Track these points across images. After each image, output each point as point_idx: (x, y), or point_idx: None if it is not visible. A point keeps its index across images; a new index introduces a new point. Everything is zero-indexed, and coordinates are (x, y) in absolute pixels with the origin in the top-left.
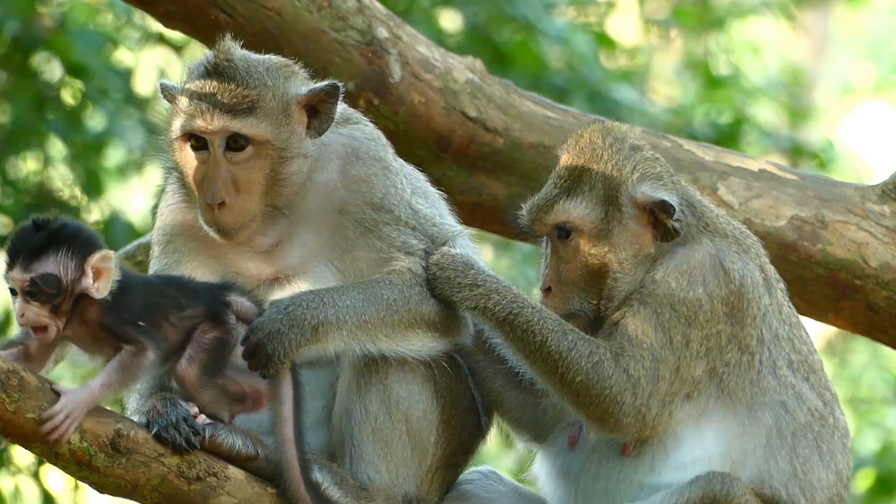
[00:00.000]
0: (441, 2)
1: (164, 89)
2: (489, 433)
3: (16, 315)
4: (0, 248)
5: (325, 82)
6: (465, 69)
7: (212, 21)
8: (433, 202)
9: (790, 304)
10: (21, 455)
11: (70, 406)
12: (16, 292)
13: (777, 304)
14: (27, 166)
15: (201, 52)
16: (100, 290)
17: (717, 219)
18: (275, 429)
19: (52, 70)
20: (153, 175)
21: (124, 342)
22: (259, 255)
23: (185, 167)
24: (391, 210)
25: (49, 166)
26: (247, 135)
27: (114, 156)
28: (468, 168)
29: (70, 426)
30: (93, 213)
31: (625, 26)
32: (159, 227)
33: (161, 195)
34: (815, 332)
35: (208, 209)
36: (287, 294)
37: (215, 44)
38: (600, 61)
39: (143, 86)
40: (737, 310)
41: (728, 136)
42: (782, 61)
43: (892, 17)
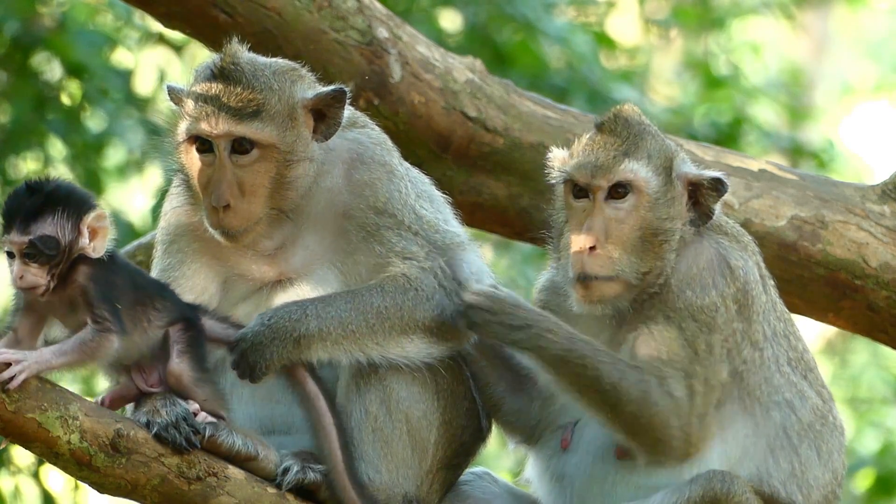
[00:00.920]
0: (441, 2)
1: (170, 92)
2: (490, 435)
3: (13, 278)
4: None
5: (332, 87)
6: (465, 69)
7: (212, 21)
8: (438, 206)
9: (781, 301)
10: (21, 455)
11: (24, 361)
12: (13, 255)
13: (772, 301)
14: (27, 166)
15: (201, 52)
16: (96, 249)
17: (716, 216)
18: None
19: (52, 70)
20: (153, 175)
21: (93, 317)
22: (262, 257)
23: (191, 170)
24: (394, 214)
25: (49, 166)
26: (252, 138)
27: (114, 156)
28: (468, 168)
29: (19, 378)
30: None
31: (625, 26)
32: (163, 227)
33: (163, 195)
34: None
35: (213, 212)
36: (289, 296)
37: (216, 44)
38: (600, 61)
39: (143, 86)
40: (744, 307)
41: (728, 136)
42: (782, 61)
43: (892, 17)
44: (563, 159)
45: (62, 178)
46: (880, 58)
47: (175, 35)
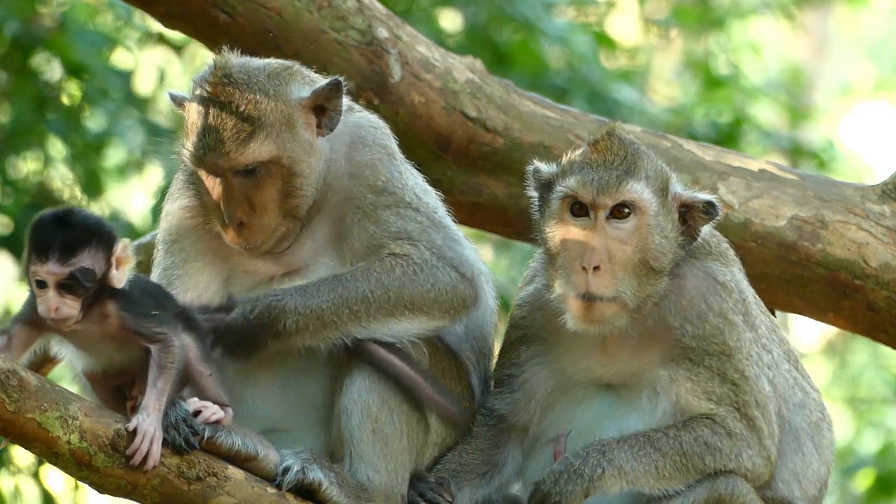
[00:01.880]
0: (441, 2)
1: (172, 99)
2: None
3: (45, 308)
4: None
5: (326, 80)
6: (465, 69)
7: (212, 21)
8: (435, 199)
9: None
10: (21, 455)
11: (144, 428)
12: (42, 284)
13: (756, 300)
14: (27, 166)
15: (201, 52)
16: (120, 279)
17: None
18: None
19: (52, 70)
20: (153, 175)
21: (150, 340)
22: (269, 253)
23: (199, 185)
24: (394, 192)
25: (49, 166)
26: (253, 162)
27: (114, 156)
28: (468, 168)
29: (154, 447)
30: None
31: (625, 26)
32: (165, 227)
33: (163, 195)
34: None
35: (228, 229)
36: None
37: (216, 44)
38: (600, 61)
39: (143, 86)
40: (746, 314)
41: (728, 136)
42: (782, 61)
43: (892, 17)
44: (553, 174)
45: (80, 206)
46: (880, 58)
47: (175, 35)
